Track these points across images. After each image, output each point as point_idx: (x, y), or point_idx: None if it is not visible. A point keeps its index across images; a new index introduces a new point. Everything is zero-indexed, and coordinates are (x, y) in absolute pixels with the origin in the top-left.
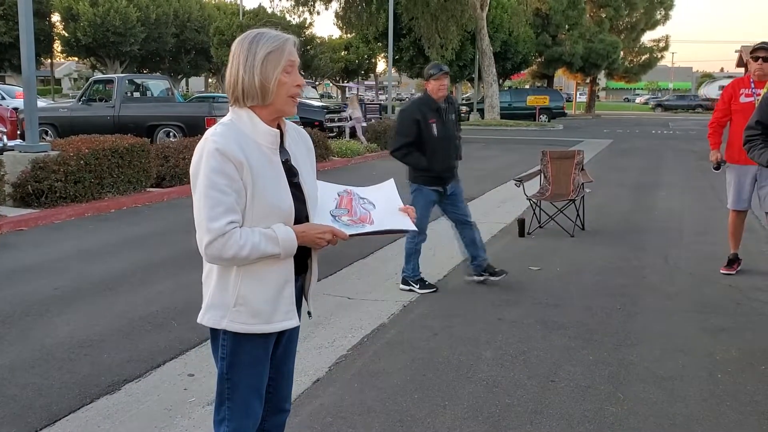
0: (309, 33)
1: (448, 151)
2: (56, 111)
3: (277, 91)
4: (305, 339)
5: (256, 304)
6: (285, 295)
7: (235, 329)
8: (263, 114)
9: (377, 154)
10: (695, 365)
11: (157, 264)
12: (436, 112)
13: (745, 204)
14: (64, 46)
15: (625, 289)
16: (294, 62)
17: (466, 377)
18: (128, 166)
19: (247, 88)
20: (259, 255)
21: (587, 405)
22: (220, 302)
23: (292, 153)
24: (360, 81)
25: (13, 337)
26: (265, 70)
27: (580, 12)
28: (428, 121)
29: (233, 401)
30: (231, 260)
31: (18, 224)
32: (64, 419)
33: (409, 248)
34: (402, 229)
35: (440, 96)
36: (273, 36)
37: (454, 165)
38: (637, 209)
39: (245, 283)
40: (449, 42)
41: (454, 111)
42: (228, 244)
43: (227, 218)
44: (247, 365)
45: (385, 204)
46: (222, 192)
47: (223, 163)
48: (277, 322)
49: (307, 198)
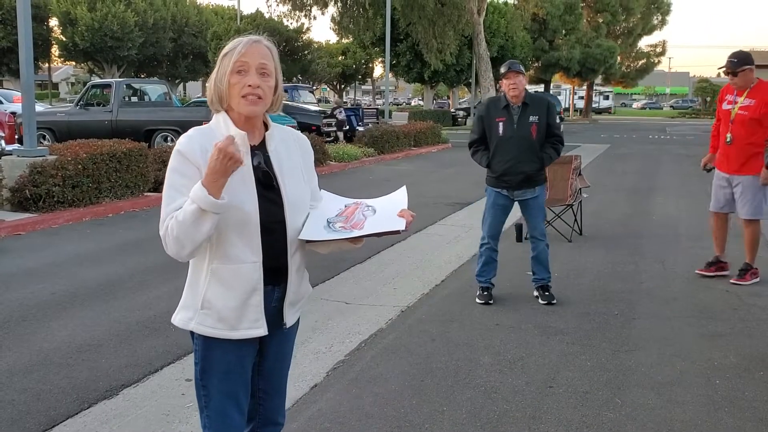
0: (306, 38)
1: (515, 153)
2: (54, 115)
3: (230, 92)
4: (302, 344)
5: (220, 309)
6: (252, 303)
7: (201, 332)
8: (234, 116)
9: (374, 159)
10: (693, 371)
11: (154, 269)
12: (505, 110)
13: (721, 207)
14: (61, 51)
15: (623, 294)
16: (246, 63)
17: (464, 383)
18: (126, 171)
19: (210, 93)
20: (185, 222)
21: (585, 411)
22: (191, 303)
23: (277, 157)
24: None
25: (11, 342)
26: (220, 74)
27: (577, 17)
28: (495, 119)
29: (210, 409)
30: (173, 247)
31: (15, 228)
32: (62, 424)
33: (480, 253)
34: (390, 230)
35: (512, 95)
36: (235, 41)
37: (523, 170)
38: (634, 214)
39: (212, 287)
40: (447, 47)
41: (537, 112)
42: (166, 236)
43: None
44: (219, 371)
45: (388, 208)
46: (177, 191)
47: (183, 164)
48: (243, 330)
49: (285, 202)
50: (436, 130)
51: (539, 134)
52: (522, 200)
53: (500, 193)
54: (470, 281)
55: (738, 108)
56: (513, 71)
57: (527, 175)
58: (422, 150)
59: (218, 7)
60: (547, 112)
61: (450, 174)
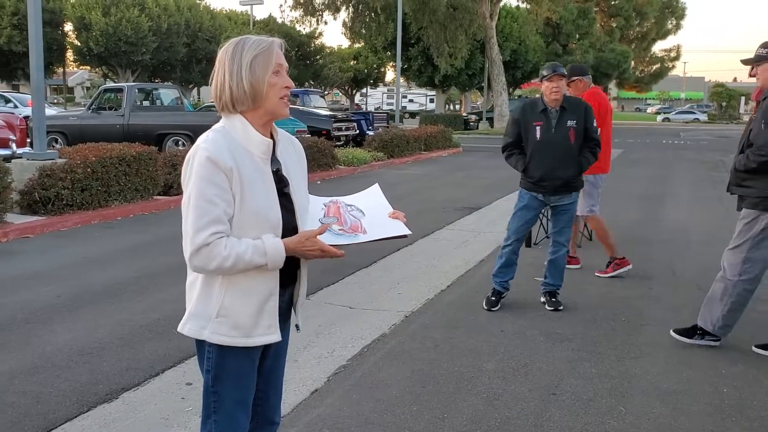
0: (318, 43)
1: (553, 158)
2: (66, 119)
3: (268, 93)
4: (305, 348)
5: (237, 317)
6: (267, 309)
7: (216, 341)
8: (254, 118)
9: (383, 163)
10: (700, 379)
11: (160, 272)
12: (543, 114)
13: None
14: (76, 56)
15: (631, 300)
16: (282, 65)
17: (467, 389)
18: (135, 174)
19: (235, 93)
20: (244, 265)
21: (588, 418)
22: (202, 312)
23: (283, 162)
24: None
25: (14, 344)
26: (254, 73)
27: (591, 21)
28: (532, 123)
29: (219, 414)
30: (215, 271)
31: (24, 231)
32: (60, 428)
33: (501, 254)
34: (397, 235)
35: (552, 99)
36: (257, 40)
37: (561, 176)
38: (644, 220)
39: (229, 295)
40: (458, 51)
41: (575, 116)
42: (211, 255)
43: (212, 229)
44: (233, 378)
45: (375, 210)
46: (210, 202)
47: (214, 172)
48: (258, 337)
49: (296, 208)
50: (447, 134)
51: (577, 139)
52: (556, 205)
53: (535, 196)
54: (476, 287)
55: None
56: (557, 74)
57: (565, 180)
58: (433, 154)
59: (232, 12)
60: (585, 115)
61: (460, 178)
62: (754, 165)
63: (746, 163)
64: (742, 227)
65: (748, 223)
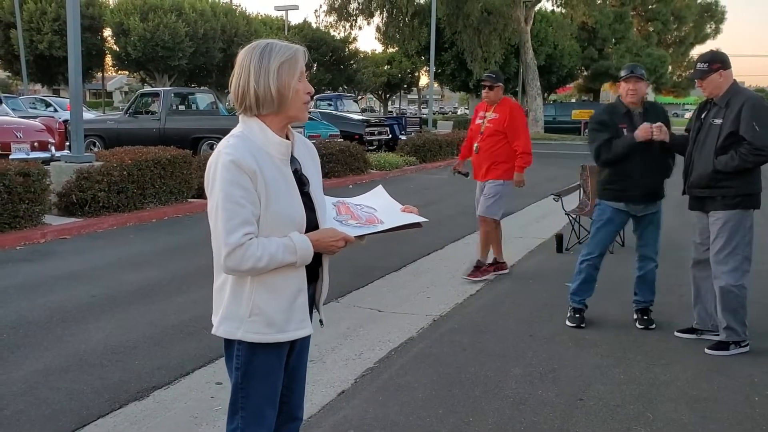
0: (352, 47)
1: (639, 164)
2: (104, 123)
3: (293, 99)
4: (332, 350)
5: (270, 314)
6: (298, 304)
7: (250, 339)
8: (274, 122)
9: (415, 168)
10: (731, 387)
11: (193, 273)
12: (626, 116)
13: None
14: (114, 61)
15: (662, 307)
16: (303, 72)
17: (493, 393)
18: (170, 177)
19: (261, 96)
20: (276, 264)
21: (615, 425)
22: (235, 313)
23: (301, 162)
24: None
25: (50, 343)
26: (281, 79)
27: (627, 26)
28: (618, 125)
29: (247, 410)
30: (249, 271)
31: (61, 232)
32: (93, 424)
33: (579, 269)
34: (414, 223)
35: (630, 101)
36: (284, 46)
37: (646, 182)
38: (679, 225)
39: (259, 294)
40: (492, 55)
41: (657, 119)
42: (245, 256)
43: (243, 230)
44: (262, 375)
45: (386, 206)
46: (238, 204)
47: (239, 175)
48: (292, 331)
49: (317, 206)
50: None
51: (660, 143)
52: (642, 216)
53: (619, 209)
54: (506, 292)
55: None
56: (635, 76)
57: (651, 188)
58: None
59: (267, 17)
60: (665, 120)
61: None
62: (749, 165)
63: (739, 163)
64: (729, 230)
65: (733, 224)
